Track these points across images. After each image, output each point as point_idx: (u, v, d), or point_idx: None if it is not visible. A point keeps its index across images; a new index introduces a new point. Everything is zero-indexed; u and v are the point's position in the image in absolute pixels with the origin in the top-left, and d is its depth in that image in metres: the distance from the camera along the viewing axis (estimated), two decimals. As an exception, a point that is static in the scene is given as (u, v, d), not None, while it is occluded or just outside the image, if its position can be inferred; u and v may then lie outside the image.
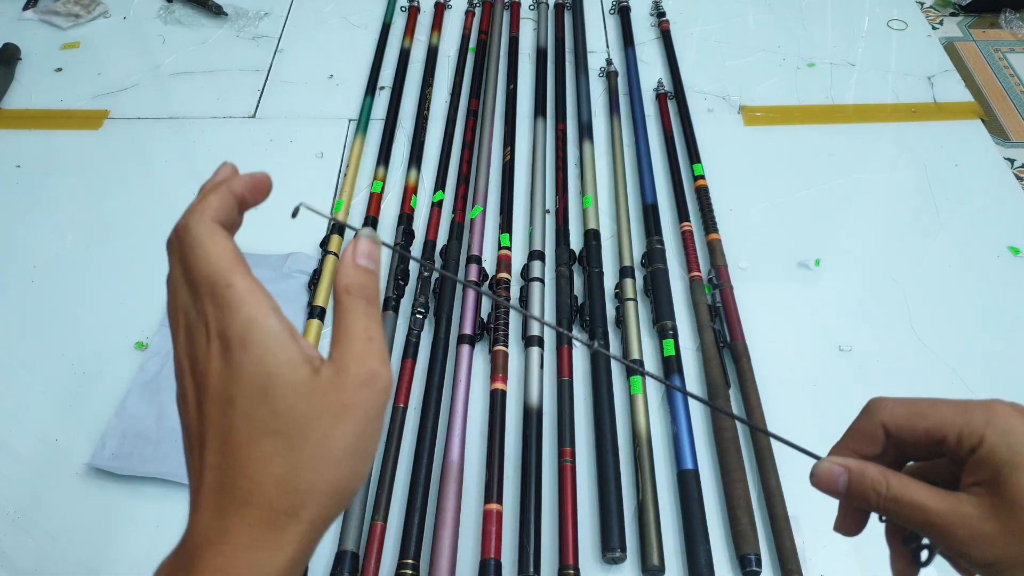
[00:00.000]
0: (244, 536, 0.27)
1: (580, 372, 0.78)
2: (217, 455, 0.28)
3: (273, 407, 0.28)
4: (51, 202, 0.98)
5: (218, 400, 0.28)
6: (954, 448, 0.33)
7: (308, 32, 1.24)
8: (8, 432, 0.76)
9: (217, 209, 0.30)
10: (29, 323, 0.85)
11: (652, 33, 1.21)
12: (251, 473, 0.27)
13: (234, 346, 0.28)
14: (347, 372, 0.29)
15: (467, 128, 1.02)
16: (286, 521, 0.27)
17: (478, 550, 0.65)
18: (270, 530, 0.27)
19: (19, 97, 1.14)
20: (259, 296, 0.29)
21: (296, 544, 0.28)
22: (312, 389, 0.28)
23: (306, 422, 0.28)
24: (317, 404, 0.28)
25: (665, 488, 0.70)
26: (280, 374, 0.28)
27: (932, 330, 0.81)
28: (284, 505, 0.28)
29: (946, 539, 0.33)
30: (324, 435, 0.28)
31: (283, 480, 0.28)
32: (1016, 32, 1.23)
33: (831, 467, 0.35)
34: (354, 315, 0.30)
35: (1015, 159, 1.02)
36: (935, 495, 0.33)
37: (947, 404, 0.34)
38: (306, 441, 0.28)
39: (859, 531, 0.37)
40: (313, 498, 0.28)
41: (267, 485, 0.27)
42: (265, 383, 0.28)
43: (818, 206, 0.94)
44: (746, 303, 0.82)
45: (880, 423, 0.35)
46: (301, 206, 0.33)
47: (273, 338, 0.28)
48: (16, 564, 0.66)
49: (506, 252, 0.87)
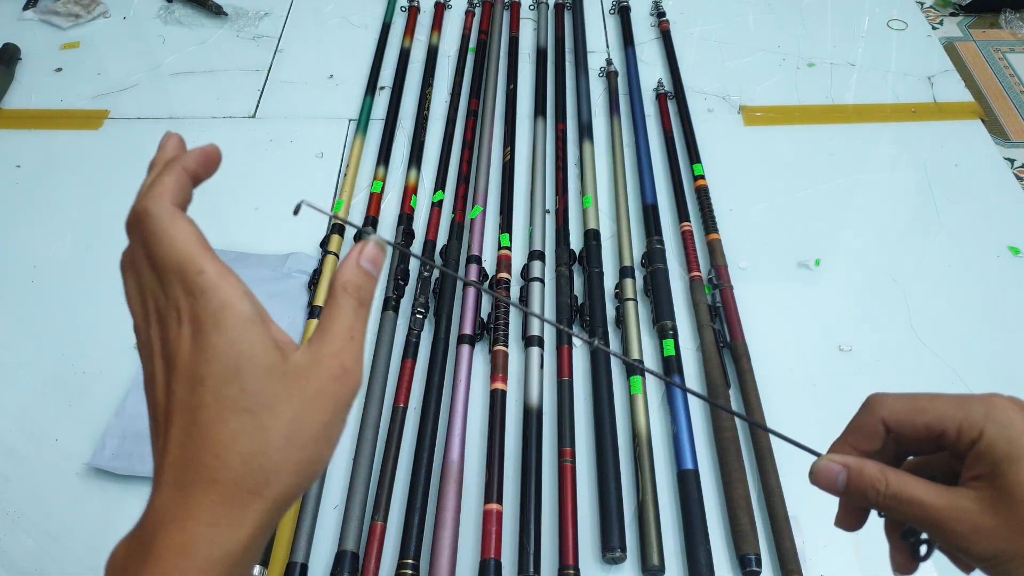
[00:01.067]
0: (206, 512, 0.28)
1: (580, 372, 0.78)
2: (183, 432, 0.28)
3: (243, 386, 0.28)
4: (51, 202, 0.98)
5: (187, 379, 0.28)
6: (953, 442, 0.33)
7: (308, 32, 1.24)
8: (8, 432, 0.76)
9: (174, 191, 0.30)
10: (29, 323, 0.85)
11: (652, 33, 1.21)
12: (217, 450, 0.28)
13: (207, 329, 0.28)
14: (321, 364, 0.29)
15: (467, 128, 1.02)
16: (249, 499, 0.28)
17: (478, 550, 0.65)
18: (233, 507, 0.28)
19: (19, 97, 1.14)
20: (231, 280, 0.29)
21: (257, 521, 0.28)
22: (283, 372, 0.29)
23: (276, 403, 0.28)
24: (288, 387, 0.29)
25: (665, 488, 0.70)
26: (252, 355, 0.28)
27: (932, 330, 0.81)
28: (249, 483, 0.28)
29: (946, 534, 0.33)
30: (293, 418, 0.28)
31: (249, 458, 0.28)
32: (1016, 32, 1.23)
33: (830, 465, 0.35)
34: (343, 312, 0.30)
35: (1015, 159, 1.02)
36: (934, 491, 0.33)
37: (946, 398, 0.34)
38: (275, 421, 0.28)
39: (859, 526, 0.37)
40: (278, 478, 0.28)
41: (233, 462, 0.28)
42: (237, 363, 0.28)
43: (818, 206, 0.94)
44: (746, 303, 0.82)
45: (880, 418, 0.35)
46: (303, 203, 0.33)
47: (246, 321, 0.28)
48: (16, 564, 0.66)
49: (506, 252, 0.87)
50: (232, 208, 0.95)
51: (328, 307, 0.31)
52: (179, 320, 0.29)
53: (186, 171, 0.31)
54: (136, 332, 0.31)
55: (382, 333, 0.80)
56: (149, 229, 0.29)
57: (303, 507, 0.67)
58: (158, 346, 0.30)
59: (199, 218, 0.30)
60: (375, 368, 0.77)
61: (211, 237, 0.30)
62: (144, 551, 0.27)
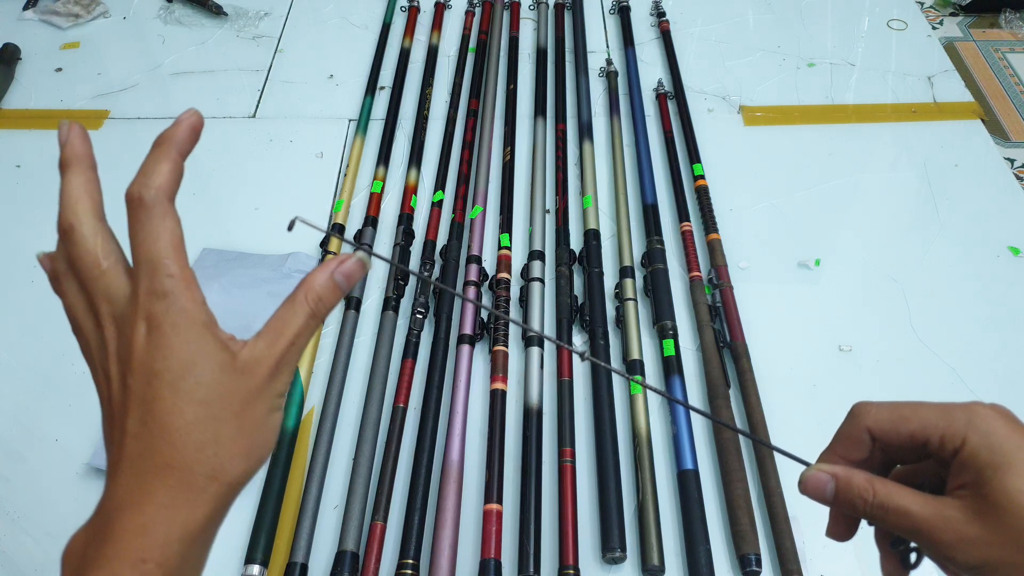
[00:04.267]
0: (163, 496, 0.29)
1: (580, 372, 0.78)
2: (139, 423, 0.30)
3: (198, 379, 0.30)
4: (51, 202, 0.97)
5: (143, 374, 0.30)
6: (937, 451, 0.33)
7: (308, 32, 1.24)
8: (8, 432, 0.76)
9: (172, 184, 0.32)
10: (29, 323, 0.85)
11: (652, 33, 1.21)
12: (173, 438, 0.30)
13: (164, 330, 0.30)
14: (262, 362, 0.32)
15: (467, 128, 1.02)
16: (205, 483, 0.30)
17: (478, 550, 0.65)
18: (189, 490, 0.30)
19: (19, 97, 1.14)
20: (193, 289, 0.31)
21: (213, 504, 0.30)
22: (233, 367, 0.31)
23: (227, 395, 0.30)
24: (237, 381, 0.31)
25: (665, 488, 0.70)
26: (206, 352, 0.30)
27: (932, 330, 0.81)
28: (205, 469, 0.30)
29: (932, 544, 0.32)
30: (242, 408, 0.31)
31: (204, 445, 0.30)
32: (1016, 32, 1.23)
33: (818, 474, 0.35)
34: (295, 318, 0.32)
35: (1015, 159, 1.02)
36: (920, 500, 0.33)
37: (929, 407, 0.34)
38: (227, 411, 0.30)
39: (850, 536, 0.37)
40: (233, 463, 0.31)
41: (188, 449, 0.30)
42: (192, 359, 0.30)
43: (818, 206, 0.94)
44: (746, 303, 0.82)
45: (865, 427, 0.35)
46: (296, 220, 0.34)
47: (200, 326, 0.30)
48: (16, 564, 0.66)
49: (506, 252, 0.87)
50: (232, 208, 0.95)
51: (283, 306, 0.33)
52: (134, 320, 0.30)
53: (181, 156, 0.33)
54: (81, 335, 0.32)
55: (382, 333, 0.80)
56: (140, 219, 0.30)
57: (303, 507, 0.68)
58: (113, 346, 0.31)
59: (199, 218, 0.31)
60: (375, 368, 0.77)
61: (211, 237, 0.30)
62: (102, 535, 0.29)
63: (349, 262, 0.33)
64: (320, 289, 0.33)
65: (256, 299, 0.82)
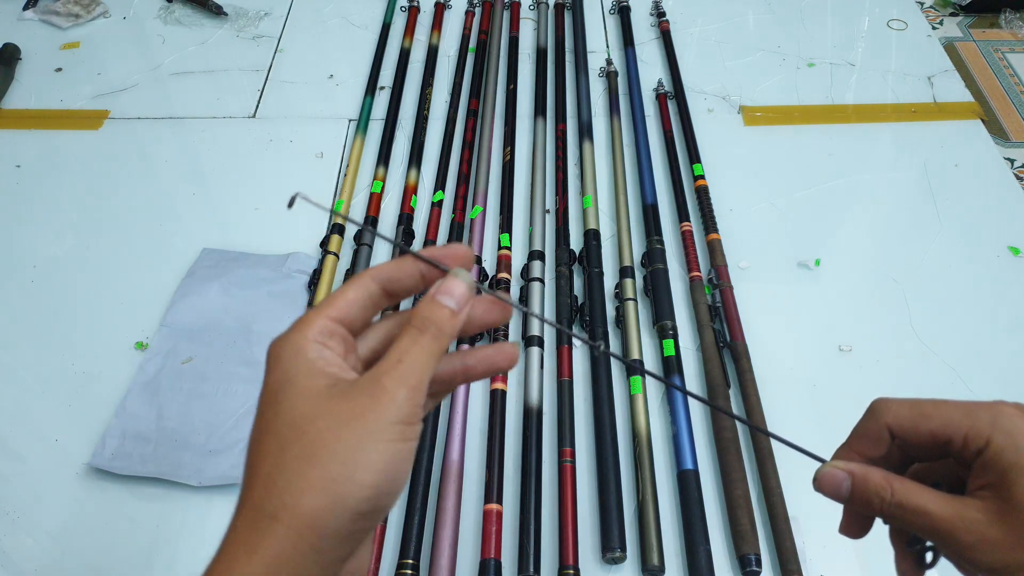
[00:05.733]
0: (231, 538, 0.27)
1: (580, 372, 0.78)
2: (244, 464, 0.29)
3: (278, 408, 0.28)
4: (51, 202, 0.98)
5: (255, 416, 0.29)
6: (959, 451, 0.32)
7: (308, 32, 1.24)
8: (8, 432, 0.76)
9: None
10: (29, 323, 0.85)
11: (652, 33, 1.21)
12: (250, 473, 0.28)
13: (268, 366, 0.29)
14: (359, 384, 0.29)
15: (467, 128, 1.02)
16: (268, 523, 0.27)
17: (478, 550, 0.65)
18: (252, 531, 0.27)
19: (19, 97, 1.14)
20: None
21: (272, 550, 0.26)
22: (320, 394, 0.28)
23: (304, 422, 0.28)
24: (323, 407, 0.28)
25: (665, 488, 0.70)
26: (293, 377, 0.28)
27: (932, 330, 0.81)
28: (268, 505, 0.27)
29: (952, 545, 0.32)
30: (317, 436, 0.27)
31: (267, 478, 0.27)
32: (1016, 32, 1.23)
33: (834, 472, 0.34)
34: (401, 340, 0.30)
35: (1015, 159, 1.02)
36: (940, 500, 0.32)
37: (952, 405, 0.33)
38: (298, 438, 0.27)
39: (865, 533, 0.37)
40: (293, 498, 0.27)
41: (257, 483, 0.27)
42: (280, 387, 0.28)
43: (818, 206, 0.94)
44: (746, 303, 0.82)
45: (884, 424, 0.34)
46: (297, 196, 0.33)
47: (302, 350, 0.29)
48: (16, 564, 0.66)
49: (506, 252, 0.87)
50: (232, 208, 0.95)
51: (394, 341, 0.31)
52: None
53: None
54: None
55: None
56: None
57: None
58: None
59: (199, 218, 0.30)
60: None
61: (211, 237, 0.30)
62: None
63: (448, 282, 0.32)
64: (422, 311, 0.31)
65: (256, 299, 0.82)
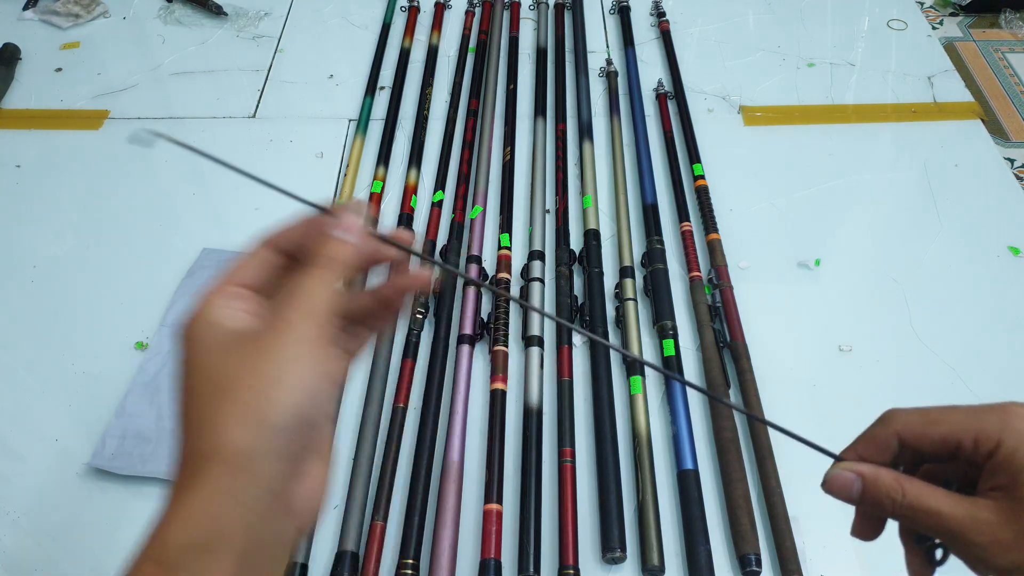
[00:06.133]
0: (176, 483, 0.27)
1: (580, 372, 0.78)
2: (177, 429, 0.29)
3: (191, 367, 0.29)
4: (51, 202, 0.98)
5: (174, 387, 0.29)
6: (970, 454, 0.33)
7: (308, 32, 1.23)
8: (8, 432, 0.76)
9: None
10: (29, 323, 0.85)
11: (652, 33, 1.21)
12: (181, 431, 0.28)
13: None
14: (263, 325, 0.30)
15: (467, 128, 1.02)
16: (203, 464, 0.26)
17: (478, 550, 0.64)
18: (191, 475, 0.27)
19: (19, 97, 1.14)
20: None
21: (211, 483, 0.26)
22: (227, 342, 0.29)
23: (213, 371, 0.28)
24: (230, 352, 0.28)
25: (665, 488, 0.70)
26: (202, 337, 0.29)
27: (932, 330, 0.81)
28: (200, 449, 0.27)
29: (964, 545, 0.32)
30: (229, 375, 0.28)
31: (194, 426, 0.27)
32: (1016, 32, 1.23)
33: (844, 474, 0.34)
34: (299, 277, 0.32)
35: (1015, 159, 1.02)
36: (952, 501, 0.32)
37: (960, 410, 0.33)
38: (214, 385, 0.28)
39: (877, 535, 0.37)
40: (219, 434, 0.26)
41: (187, 435, 0.28)
42: (190, 350, 0.29)
43: (818, 206, 0.94)
44: (746, 303, 0.82)
45: (895, 431, 0.34)
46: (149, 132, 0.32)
47: (204, 314, 0.30)
48: (16, 564, 0.66)
49: (506, 252, 0.87)
50: (232, 208, 0.95)
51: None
52: None
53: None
54: None
55: (382, 333, 0.80)
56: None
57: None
58: None
59: (199, 218, 0.30)
60: (375, 368, 0.77)
61: (211, 237, 0.30)
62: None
63: (344, 217, 0.35)
64: (317, 247, 0.34)
65: (256, 299, 0.82)
